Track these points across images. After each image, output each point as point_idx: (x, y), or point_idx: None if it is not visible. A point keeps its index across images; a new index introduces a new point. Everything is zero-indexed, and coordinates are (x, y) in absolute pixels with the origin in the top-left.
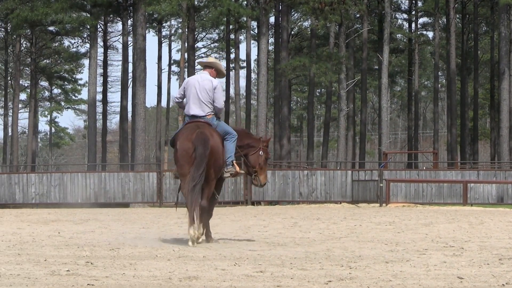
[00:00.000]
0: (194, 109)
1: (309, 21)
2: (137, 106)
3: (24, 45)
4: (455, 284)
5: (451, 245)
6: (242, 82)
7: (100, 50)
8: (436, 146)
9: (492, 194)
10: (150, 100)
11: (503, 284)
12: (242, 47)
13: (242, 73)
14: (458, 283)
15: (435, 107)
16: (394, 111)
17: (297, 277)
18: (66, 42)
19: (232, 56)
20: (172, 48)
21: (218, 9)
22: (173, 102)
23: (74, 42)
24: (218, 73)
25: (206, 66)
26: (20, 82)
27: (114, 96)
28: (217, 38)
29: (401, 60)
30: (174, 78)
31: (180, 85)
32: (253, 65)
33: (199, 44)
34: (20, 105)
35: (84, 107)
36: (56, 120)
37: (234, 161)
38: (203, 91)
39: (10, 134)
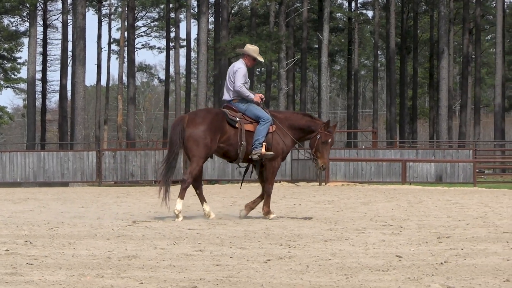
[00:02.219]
0: (224, 94)
1: (250, 0)
2: (77, 85)
3: None
4: (394, 262)
5: (390, 224)
6: (182, 61)
7: (40, 29)
8: (375, 125)
9: (431, 173)
10: (90, 79)
11: (441, 262)
12: (182, 26)
13: (182, 52)
14: (397, 262)
15: (375, 86)
16: (334, 90)
17: (236, 256)
18: (6, 21)
19: (172, 35)
20: (112, 27)
21: None
22: (114, 81)
23: (14, 21)
24: (253, 59)
25: (242, 54)
26: None
27: (54, 75)
28: (157, 17)
29: (341, 39)
30: (113, 57)
31: (119, 64)
32: (193, 44)
33: (139, 23)
34: None
35: (23, 86)
36: None
37: (263, 143)
38: (229, 77)
39: None
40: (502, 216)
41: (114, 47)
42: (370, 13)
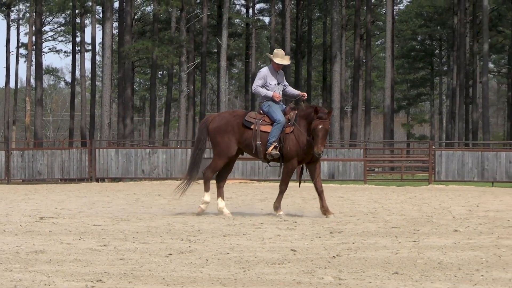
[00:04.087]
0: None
1: (152, 6)
2: None
3: None
4: (289, 256)
5: (285, 219)
6: (88, 65)
7: None
8: None
9: (324, 171)
10: None
11: (333, 256)
12: (88, 30)
13: (88, 55)
14: (292, 255)
15: None
16: (232, 92)
17: (139, 251)
18: None
19: (78, 39)
20: (20, 31)
21: None
22: (22, 84)
23: None
24: (278, 64)
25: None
26: None
27: None
28: (63, 22)
29: (239, 43)
30: (22, 60)
31: (27, 67)
32: (98, 48)
33: (46, 28)
34: None
35: None
36: None
37: (273, 143)
38: None
39: None
40: (391, 212)
41: (22, 51)
42: (266, 19)
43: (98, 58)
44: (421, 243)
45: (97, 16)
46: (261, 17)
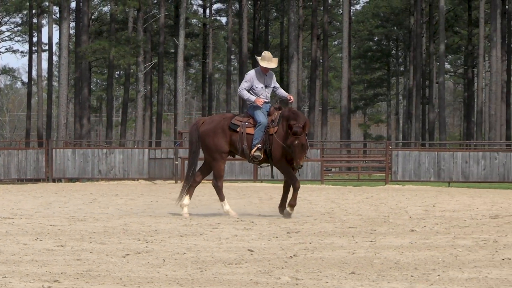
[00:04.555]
0: None
1: (109, 6)
2: None
3: None
4: (246, 256)
5: (242, 220)
6: (45, 65)
7: None
8: None
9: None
10: None
11: (290, 256)
12: (45, 31)
13: (45, 55)
14: (249, 255)
15: (228, 89)
16: (189, 93)
17: (96, 251)
18: None
19: (35, 39)
20: None
21: None
22: None
23: None
24: (265, 67)
25: None
26: None
27: None
28: (20, 22)
29: (196, 44)
30: None
31: None
32: (55, 48)
33: (3, 28)
34: None
35: None
36: None
37: (256, 146)
38: None
39: None
40: (348, 212)
41: None
42: (224, 19)
43: (55, 58)
44: (378, 243)
45: (54, 16)
46: (218, 18)
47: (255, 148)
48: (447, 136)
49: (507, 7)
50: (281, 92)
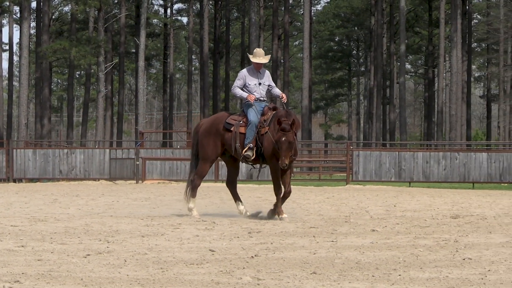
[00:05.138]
0: None
1: (70, 6)
2: None
3: None
4: (207, 256)
5: (204, 220)
6: (5, 65)
7: None
8: (189, 125)
9: (242, 171)
10: None
11: (252, 256)
12: (5, 30)
13: (5, 55)
14: (210, 256)
15: (189, 89)
16: (150, 93)
17: (57, 251)
18: None
19: None
20: None
21: None
22: None
23: None
24: (257, 64)
25: None
26: None
27: None
28: None
29: (157, 44)
30: None
31: None
32: (15, 48)
33: None
34: None
35: None
36: None
37: (247, 145)
38: None
39: None
40: (309, 212)
41: None
42: (185, 19)
43: (15, 58)
44: (339, 243)
45: (14, 16)
46: (179, 17)
47: (246, 148)
48: (408, 136)
49: (467, 7)
50: (275, 91)
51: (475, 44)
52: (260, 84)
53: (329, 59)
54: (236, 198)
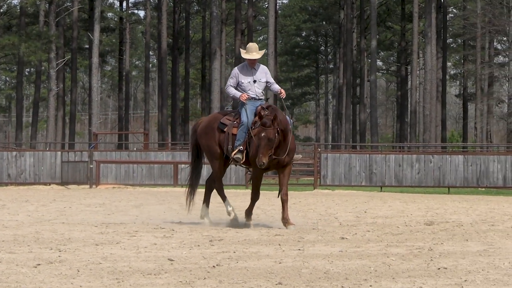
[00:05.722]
0: None
1: None
2: None
3: None
4: (166, 266)
5: (162, 227)
6: None
7: None
8: (147, 126)
9: (203, 175)
10: None
11: (213, 266)
12: None
13: None
14: (169, 265)
15: (146, 87)
16: (105, 91)
17: (5, 261)
18: None
19: None
20: None
21: None
22: None
23: None
24: (250, 60)
25: None
26: None
27: None
28: None
29: (112, 39)
30: None
31: None
32: None
33: None
34: None
35: None
36: None
37: (237, 148)
38: None
39: None
40: (274, 218)
41: None
42: (142, 13)
43: None
44: (306, 252)
45: None
46: (135, 11)
47: (236, 150)
48: (379, 137)
49: (442, 1)
50: (274, 87)
51: (451, 40)
52: (255, 81)
53: (295, 56)
54: (207, 199)
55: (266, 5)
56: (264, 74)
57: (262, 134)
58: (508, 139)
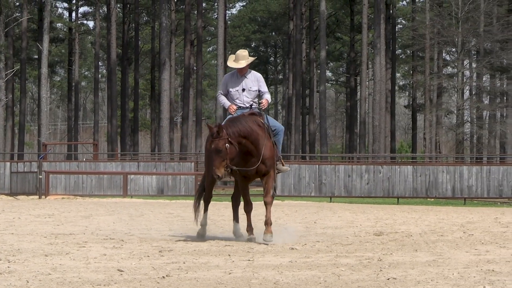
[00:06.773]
0: None
1: None
2: None
3: None
4: (115, 276)
5: (112, 238)
6: None
7: None
8: (96, 137)
9: (152, 185)
10: None
11: (163, 276)
12: None
13: None
14: (118, 276)
15: (96, 97)
16: (54, 102)
17: None
18: None
19: None
20: None
21: None
22: None
23: None
24: (238, 68)
25: None
26: None
27: None
28: None
29: (61, 49)
30: None
31: None
32: None
33: None
34: None
35: None
36: None
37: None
38: None
39: None
40: (224, 229)
41: None
42: (91, 24)
43: None
44: (255, 262)
45: None
46: (85, 22)
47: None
48: (329, 148)
49: (391, 12)
50: (264, 97)
51: (400, 50)
52: (243, 90)
53: None
54: (236, 215)
55: (216, 16)
56: (255, 82)
57: (212, 146)
58: (456, 150)
